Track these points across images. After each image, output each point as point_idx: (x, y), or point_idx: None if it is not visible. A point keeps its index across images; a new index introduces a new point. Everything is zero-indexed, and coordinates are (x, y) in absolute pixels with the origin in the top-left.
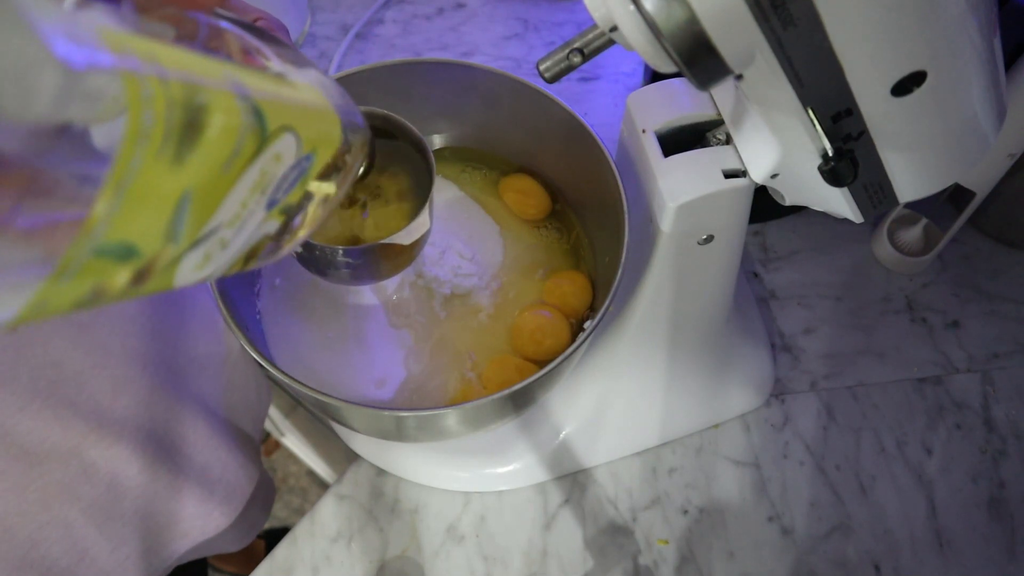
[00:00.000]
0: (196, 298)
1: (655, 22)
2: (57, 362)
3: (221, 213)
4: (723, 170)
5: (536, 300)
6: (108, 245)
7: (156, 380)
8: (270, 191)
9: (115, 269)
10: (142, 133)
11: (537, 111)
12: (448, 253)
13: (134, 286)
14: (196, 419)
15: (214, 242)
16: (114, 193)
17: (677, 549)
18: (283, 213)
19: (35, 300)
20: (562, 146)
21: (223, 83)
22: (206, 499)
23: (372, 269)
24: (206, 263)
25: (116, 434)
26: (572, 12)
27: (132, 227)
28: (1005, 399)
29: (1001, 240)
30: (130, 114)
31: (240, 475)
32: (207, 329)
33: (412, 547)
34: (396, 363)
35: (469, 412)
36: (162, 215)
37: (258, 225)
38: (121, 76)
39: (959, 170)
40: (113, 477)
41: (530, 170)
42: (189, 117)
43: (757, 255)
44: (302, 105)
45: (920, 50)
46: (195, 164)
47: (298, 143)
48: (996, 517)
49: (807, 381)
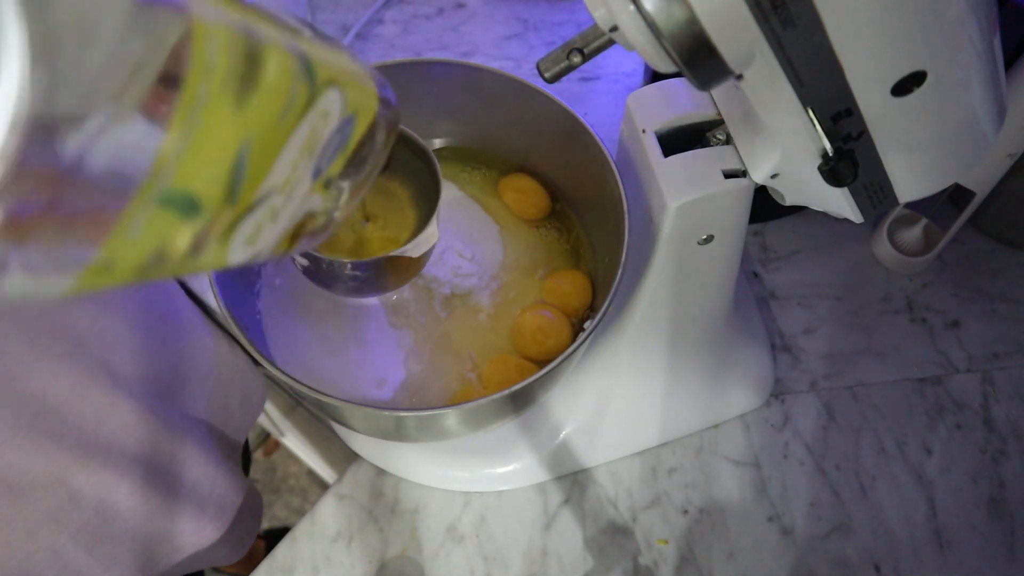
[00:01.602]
0: (180, 314)
1: (655, 22)
2: (39, 394)
3: (275, 174)
4: (723, 170)
5: (536, 300)
6: (174, 193)
7: (142, 402)
8: (317, 153)
9: (178, 227)
10: (207, 66)
11: (537, 111)
12: (448, 253)
13: (192, 255)
14: (184, 436)
15: (265, 211)
16: (181, 128)
17: (677, 549)
18: (326, 186)
19: (103, 257)
20: (562, 146)
21: (275, 35)
22: (198, 515)
23: (379, 282)
24: (257, 236)
25: (102, 460)
26: (572, 12)
27: (197, 174)
28: (1005, 399)
29: (1001, 240)
30: (195, 45)
31: (229, 488)
32: (192, 345)
33: (412, 547)
34: (396, 363)
35: (469, 412)
36: (223, 164)
37: (304, 197)
38: (185, 12)
39: (959, 170)
40: (101, 501)
41: (530, 170)
42: (248, 58)
43: (757, 255)
44: (343, 66)
45: (920, 50)
46: (254, 109)
47: (343, 101)
48: (996, 517)
49: (807, 381)
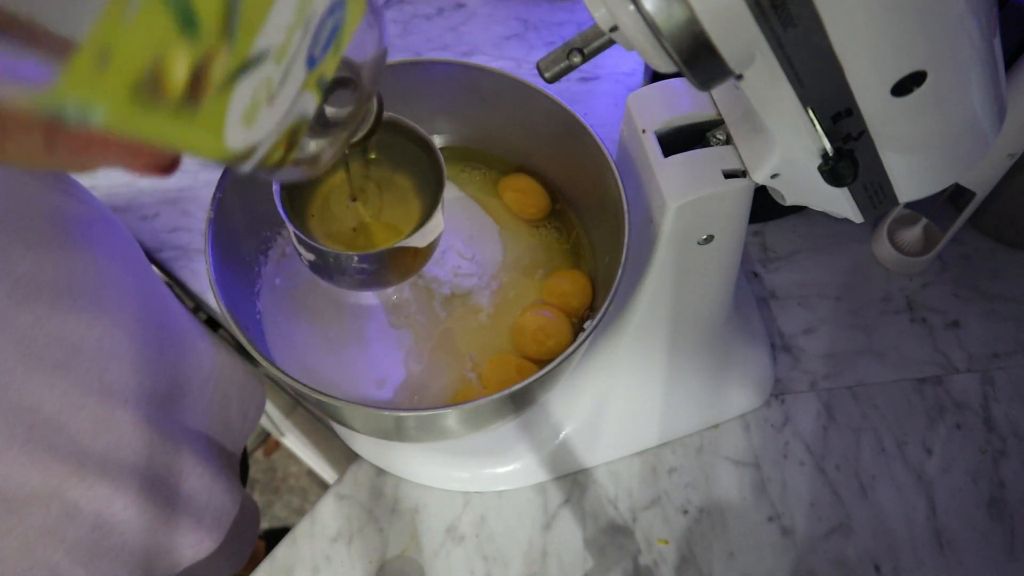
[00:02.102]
0: (177, 323)
1: (655, 22)
2: (34, 407)
3: (270, 27)
4: (723, 170)
5: (536, 300)
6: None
7: (138, 414)
8: (312, 31)
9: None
10: None
11: (537, 111)
12: (448, 253)
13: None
14: (180, 448)
15: (262, 82)
16: None
17: (677, 549)
18: (319, 88)
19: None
20: (562, 146)
21: None
22: (195, 526)
23: (385, 274)
24: (254, 116)
25: (98, 473)
26: (572, 12)
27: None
28: (1005, 399)
29: (1001, 240)
30: None
31: (226, 499)
32: (189, 354)
33: (412, 547)
34: (396, 363)
35: (469, 412)
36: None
37: (299, 88)
38: None
39: (959, 170)
40: (98, 516)
41: (530, 170)
42: None
43: (757, 255)
44: None
45: (920, 50)
46: None
47: None
48: (996, 517)
49: (807, 381)
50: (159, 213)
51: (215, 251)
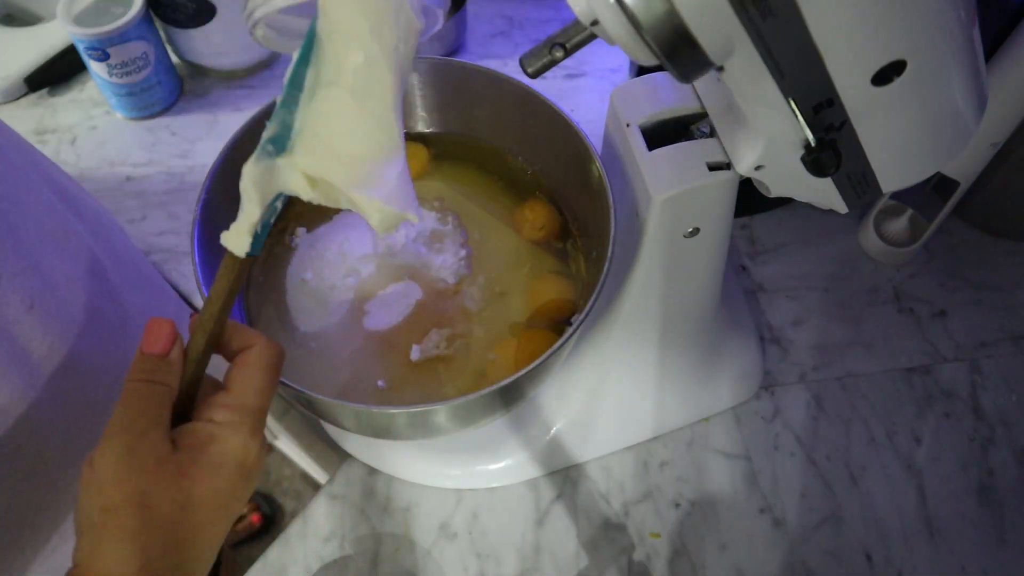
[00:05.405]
0: None
1: (635, 15)
2: None
3: None
4: (707, 163)
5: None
6: None
7: None
8: None
9: None
10: None
11: (523, 108)
12: (444, 252)
13: None
14: None
15: None
16: None
17: (669, 542)
18: None
19: None
20: (548, 142)
21: None
22: None
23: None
24: None
25: None
26: (557, 9)
27: None
28: (992, 387)
29: (986, 229)
30: None
31: None
32: None
33: (405, 545)
34: (389, 362)
35: (459, 408)
36: None
37: None
38: None
39: (942, 159)
40: None
41: (515, 164)
42: None
43: (745, 248)
44: None
45: (899, 39)
46: None
47: None
48: (985, 504)
49: (796, 373)
50: (146, 216)
51: (201, 253)
